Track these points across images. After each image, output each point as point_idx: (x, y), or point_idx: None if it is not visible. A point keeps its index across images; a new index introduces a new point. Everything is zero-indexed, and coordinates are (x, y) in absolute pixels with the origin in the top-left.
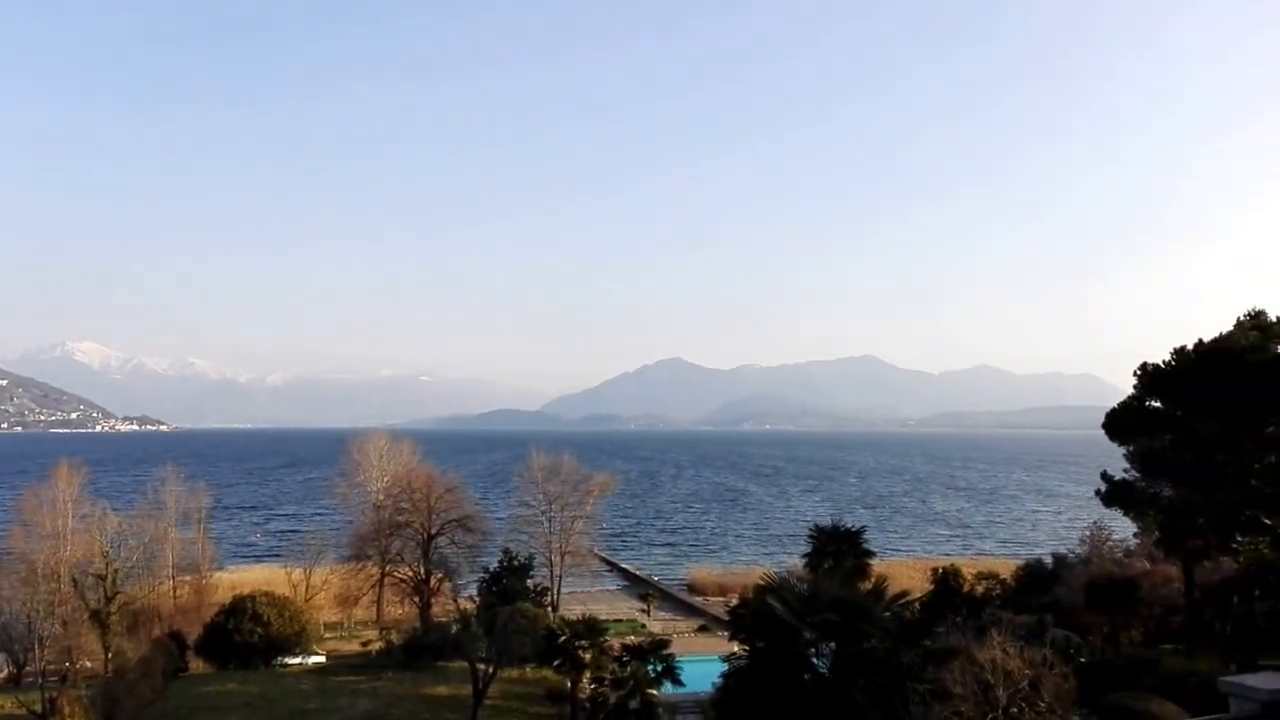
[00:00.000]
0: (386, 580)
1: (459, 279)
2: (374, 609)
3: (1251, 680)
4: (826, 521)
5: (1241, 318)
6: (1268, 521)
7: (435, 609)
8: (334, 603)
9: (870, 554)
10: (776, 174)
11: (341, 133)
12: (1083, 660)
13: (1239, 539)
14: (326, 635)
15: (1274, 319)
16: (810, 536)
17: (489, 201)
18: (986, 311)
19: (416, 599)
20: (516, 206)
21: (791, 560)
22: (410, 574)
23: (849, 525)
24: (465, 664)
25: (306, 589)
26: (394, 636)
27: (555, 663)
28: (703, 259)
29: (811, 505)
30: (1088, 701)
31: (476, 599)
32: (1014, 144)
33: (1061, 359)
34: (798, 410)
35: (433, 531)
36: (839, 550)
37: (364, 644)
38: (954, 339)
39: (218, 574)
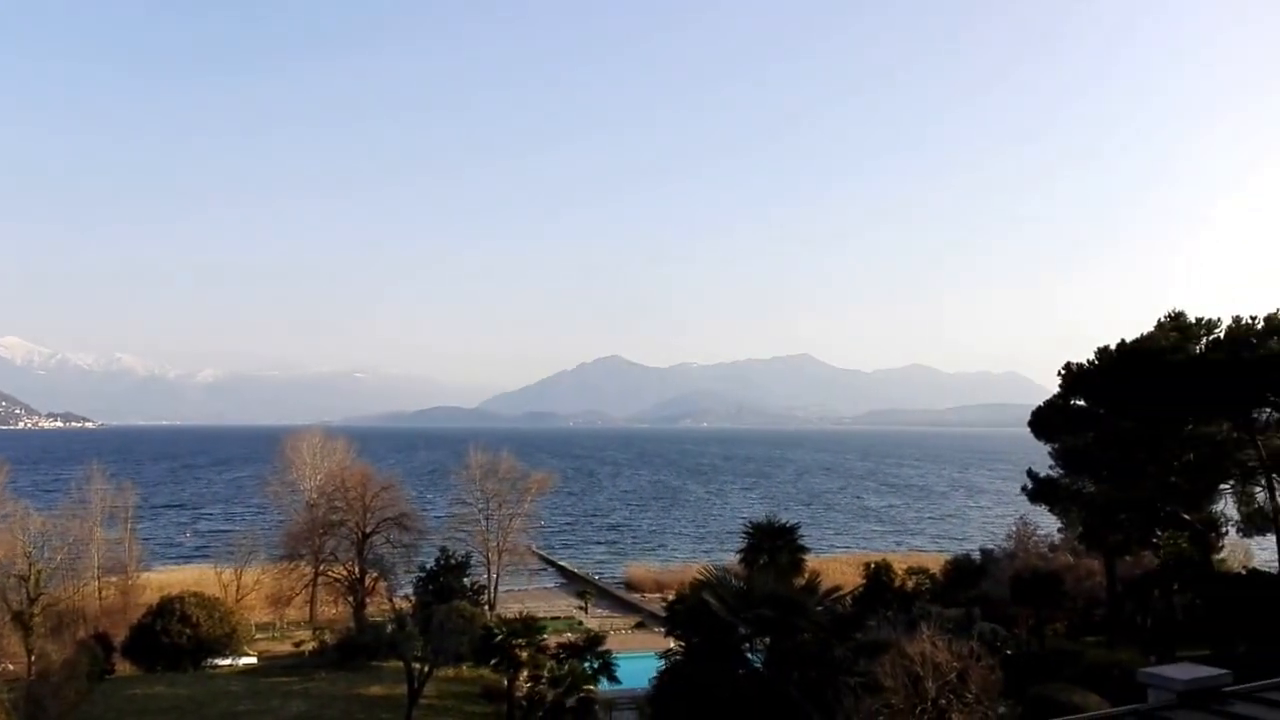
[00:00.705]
0: (320, 580)
1: (395, 275)
2: (307, 609)
3: (1168, 671)
4: (762, 518)
5: (1162, 319)
6: (1186, 517)
7: (370, 608)
8: (266, 603)
9: (804, 550)
10: (714, 176)
11: (269, 119)
12: (1009, 652)
13: (1159, 534)
14: (258, 636)
15: (1193, 320)
16: (745, 533)
17: (421, 197)
18: (918, 311)
19: (351, 598)
20: (450, 202)
21: (728, 557)
22: (345, 573)
23: (784, 521)
24: (400, 663)
25: (237, 589)
26: (328, 636)
27: (492, 661)
28: (640, 258)
29: (748, 503)
30: (1014, 692)
31: (412, 598)
32: (946, 151)
33: (989, 358)
34: (734, 408)
35: (368, 530)
36: (774, 546)
37: (297, 644)
38: (887, 338)
39: (145, 574)
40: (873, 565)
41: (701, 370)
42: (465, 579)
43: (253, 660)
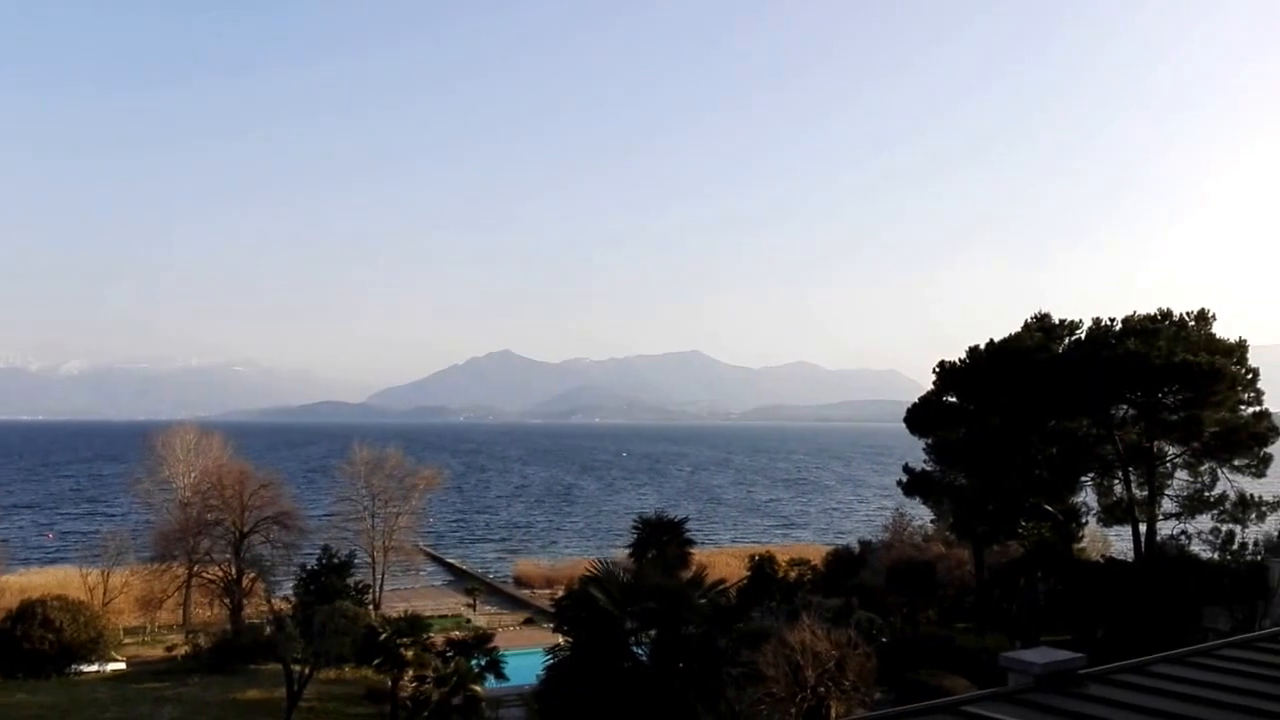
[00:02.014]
0: (194, 581)
1: (276, 267)
2: (180, 612)
3: (1027, 655)
4: (652, 513)
5: (1029, 320)
6: (1049, 508)
7: (248, 610)
8: (135, 606)
9: (691, 543)
10: (604, 165)
11: (145, 103)
12: (884, 640)
13: (1024, 524)
14: (127, 640)
15: (1057, 321)
16: (634, 527)
17: (303, 180)
18: (802, 309)
19: (227, 600)
20: (333, 185)
21: (619, 552)
22: (221, 574)
23: (672, 516)
24: (279, 666)
25: (104, 592)
26: (202, 640)
27: (376, 661)
28: (531, 249)
29: (641, 498)
30: (888, 678)
31: (293, 599)
32: (834, 149)
33: (870, 355)
34: (626, 404)
35: (246, 529)
36: (662, 540)
37: (169, 648)
38: (773, 335)
39: (4, 578)
40: (757, 557)
41: (593, 365)
42: (349, 578)
43: (121, 666)
